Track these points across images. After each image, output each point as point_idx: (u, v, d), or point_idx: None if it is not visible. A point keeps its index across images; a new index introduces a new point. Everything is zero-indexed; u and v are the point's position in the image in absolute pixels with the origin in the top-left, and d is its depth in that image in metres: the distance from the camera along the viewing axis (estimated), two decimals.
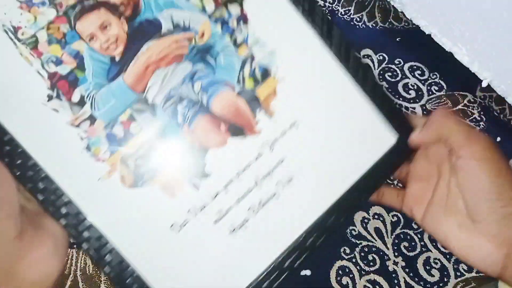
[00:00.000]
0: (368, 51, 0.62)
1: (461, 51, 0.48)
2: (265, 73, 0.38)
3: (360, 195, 0.39)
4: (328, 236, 0.39)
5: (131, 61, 0.36)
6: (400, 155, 0.40)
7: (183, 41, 0.37)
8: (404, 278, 0.47)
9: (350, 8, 0.65)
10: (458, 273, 0.47)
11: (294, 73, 0.38)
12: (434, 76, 0.59)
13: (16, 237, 0.31)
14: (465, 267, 0.47)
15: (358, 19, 0.64)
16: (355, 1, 0.65)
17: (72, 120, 0.35)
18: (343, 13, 0.64)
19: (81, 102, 0.35)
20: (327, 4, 0.64)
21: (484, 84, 0.47)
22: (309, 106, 0.38)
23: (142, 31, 0.36)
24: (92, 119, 0.36)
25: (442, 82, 0.59)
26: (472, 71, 0.48)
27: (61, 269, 0.34)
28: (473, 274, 0.47)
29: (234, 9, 0.37)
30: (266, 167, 0.38)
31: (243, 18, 0.37)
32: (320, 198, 0.39)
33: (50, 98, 0.35)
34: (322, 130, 0.39)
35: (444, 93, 0.58)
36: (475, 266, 0.38)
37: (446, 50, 0.50)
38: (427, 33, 0.52)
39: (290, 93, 0.38)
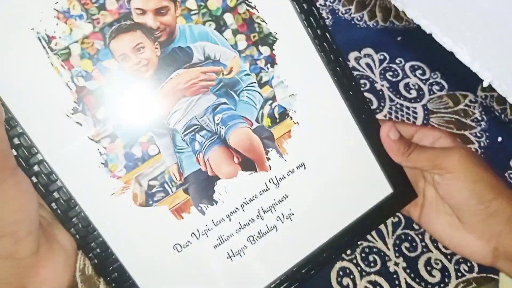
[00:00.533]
0: (369, 51, 0.62)
1: (462, 51, 0.48)
2: (283, 115, 0.40)
3: (352, 236, 0.42)
4: (318, 270, 0.41)
5: (159, 86, 0.37)
6: (393, 206, 0.43)
7: (211, 73, 0.38)
8: (405, 279, 0.47)
9: (350, 7, 0.65)
10: (459, 274, 0.48)
11: (310, 118, 0.40)
12: (435, 76, 0.60)
13: (33, 253, 0.32)
14: (466, 268, 0.48)
15: (358, 18, 0.64)
16: (355, 0, 0.65)
17: (94, 135, 0.36)
18: (343, 12, 0.64)
19: (105, 119, 0.36)
20: (327, 3, 0.65)
21: (485, 84, 0.48)
22: (319, 150, 0.41)
23: (173, 58, 0.37)
24: (113, 136, 0.36)
25: (443, 82, 0.60)
26: (473, 71, 0.51)
27: (71, 281, 0.35)
28: (474, 274, 0.48)
29: (265, 50, 0.39)
30: (270, 201, 0.40)
31: (271, 60, 0.39)
32: (315, 235, 0.42)
33: (75, 111, 0.35)
34: (326, 174, 0.41)
35: (445, 93, 0.59)
36: (470, 259, 0.42)
37: (447, 49, 0.51)
38: (428, 32, 0.53)
39: (303, 136, 0.40)
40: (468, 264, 0.48)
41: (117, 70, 0.36)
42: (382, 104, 0.57)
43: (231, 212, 0.39)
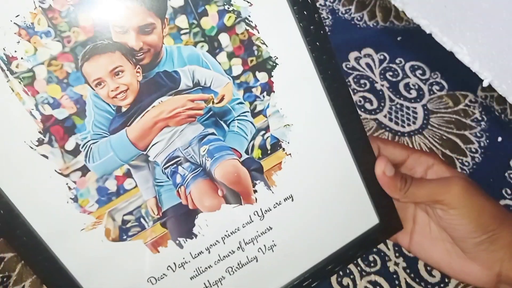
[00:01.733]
0: (369, 51, 0.61)
1: (462, 51, 0.48)
2: (275, 146, 0.36)
3: (334, 266, 0.41)
4: None
5: (139, 115, 0.32)
6: (378, 236, 0.42)
7: (200, 102, 0.33)
8: (405, 279, 0.47)
9: (350, 7, 0.64)
10: None
11: (303, 149, 0.37)
12: (435, 76, 0.60)
13: None
14: None
15: (358, 18, 0.63)
16: (355, 0, 0.64)
17: (62, 169, 0.32)
18: (343, 12, 0.63)
19: (75, 151, 0.31)
20: (327, 3, 0.62)
21: (485, 84, 0.46)
22: (309, 183, 0.38)
23: (157, 84, 0.32)
24: (84, 170, 0.32)
25: (443, 82, 0.59)
26: (473, 71, 0.49)
27: None
28: None
29: (262, 76, 0.34)
30: (252, 233, 0.38)
31: (268, 87, 0.34)
32: (297, 264, 0.40)
33: (40, 142, 0.31)
34: (314, 206, 0.39)
35: (445, 93, 0.58)
36: (471, 284, 0.41)
37: (447, 49, 0.50)
38: (428, 32, 0.51)
39: (294, 168, 0.37)
40: None
41: (91, 97, 0.31)
42: (382, 104, 0.56)
43: (210, 245, 0.37)
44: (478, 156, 0.53)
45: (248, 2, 0.32)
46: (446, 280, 0.47)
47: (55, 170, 0.31)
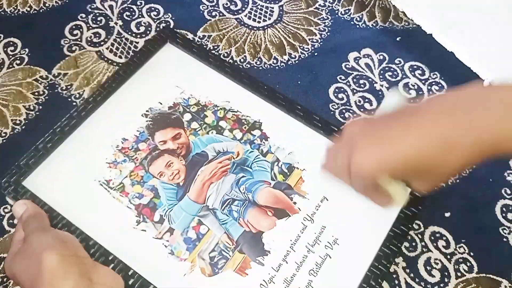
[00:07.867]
0: (368, 51, 0.62)
1: (462, 51, 0.50)
2: (290, 168, 0.50)
3: (397, 238, 0.46)
4: (381, 276, 0.45)
5: (192, 183, 0.49)
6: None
7: (225, 161, 0.50)
8: (404, 278, 0.47)
9: (350, 7, 0.66)
10: (459, 274, 0.47)
11: (310, 161, 0.50)
12: (435, 76, 0.60)
13: None
14: (466, 268, 0.48)
15: (358, 19, 0.65)
16: (355, 0, 0.67)
17: (157, 234, 0.46)
18: (343, 12, 0.66)
19: (161, 220, 0.47)
20: (327, 3, 0.67)
21: (485, 84, 0.50)
22: (331, 184, 0.49)
23: (195, 162, 0.50)
24: (171, 230, 0.46)
25: (442, 82, 0.59)
26: (474, 71, 0.50)
27: None
28: (474, 274, 0.47)
29: (256, 131, 0.52)
30: (312, 235, 0.47)
31: (264, 136, 0.51)
32: (366, 246, 0.46)
33: (138, 222, 0.46)
34: (349, 196, 0.48)
35: (444, 93, 0.56)
36: None
37: (447, 49, 0.52)
38: (428, 32, 0.53)
39: (313, 177, 0.49)
40: (468, 264, 0.48)
41: (159, 184, 0.48)
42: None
43: (284, 256, 0.46)
44: None
45: (228, 102, 0.53)
46: (446, 280, 0.47)
47: (153, 237, 0.46)
